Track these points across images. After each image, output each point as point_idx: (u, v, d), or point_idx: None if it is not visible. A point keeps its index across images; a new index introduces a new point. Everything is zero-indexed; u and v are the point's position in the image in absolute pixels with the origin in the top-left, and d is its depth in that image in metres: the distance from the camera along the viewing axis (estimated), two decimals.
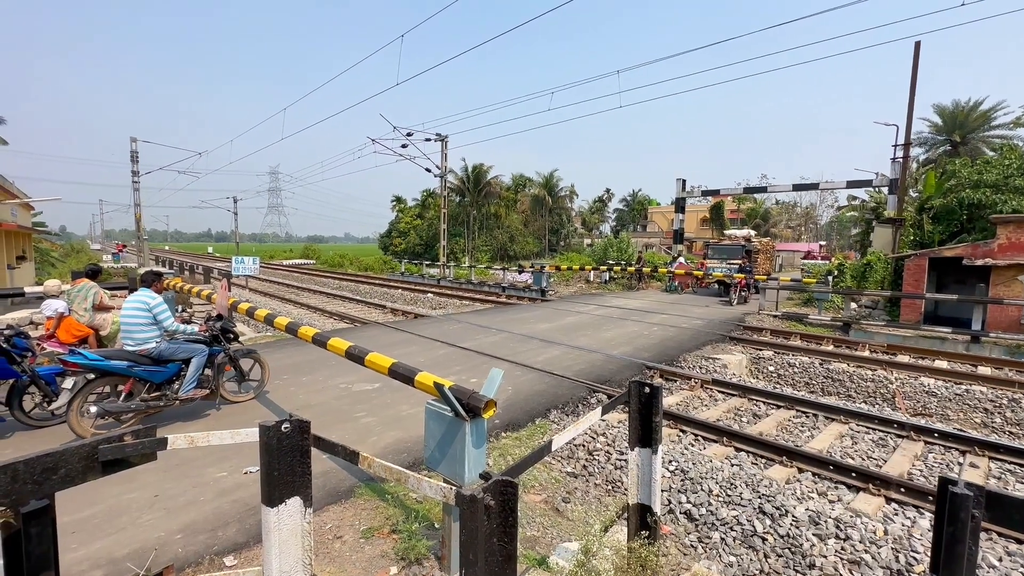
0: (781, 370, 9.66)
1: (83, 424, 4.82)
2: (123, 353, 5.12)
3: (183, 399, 5.38)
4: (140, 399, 5.14)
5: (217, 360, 5.76)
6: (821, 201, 59.27)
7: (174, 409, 5.52)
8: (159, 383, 5.26)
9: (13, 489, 1.64)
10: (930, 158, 34.55)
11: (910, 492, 4.57)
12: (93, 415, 4.85)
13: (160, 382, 5.26)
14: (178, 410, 5.63)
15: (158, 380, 5.23)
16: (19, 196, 21.00)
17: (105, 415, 4.93)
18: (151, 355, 5.20)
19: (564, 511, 4.35)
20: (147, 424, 4.56)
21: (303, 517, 2.24)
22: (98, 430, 4.87)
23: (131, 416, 5.10)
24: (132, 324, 5.19)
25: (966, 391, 7.86)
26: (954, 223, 15.97)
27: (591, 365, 8.52)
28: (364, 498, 4.06)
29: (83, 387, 4.86)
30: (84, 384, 4.87)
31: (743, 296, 17.90)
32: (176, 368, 5.38)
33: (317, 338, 5.15)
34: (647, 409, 3.11)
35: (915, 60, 16.05)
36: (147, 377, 5.15)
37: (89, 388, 4.91)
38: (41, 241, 32.82)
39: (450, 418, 2.74)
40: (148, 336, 5.22)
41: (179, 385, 5.38)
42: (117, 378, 5.09)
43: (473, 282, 26.44)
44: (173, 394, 5.32)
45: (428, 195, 48.94)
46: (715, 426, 6.05)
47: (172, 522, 3.60)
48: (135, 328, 5.19)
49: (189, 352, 5.44)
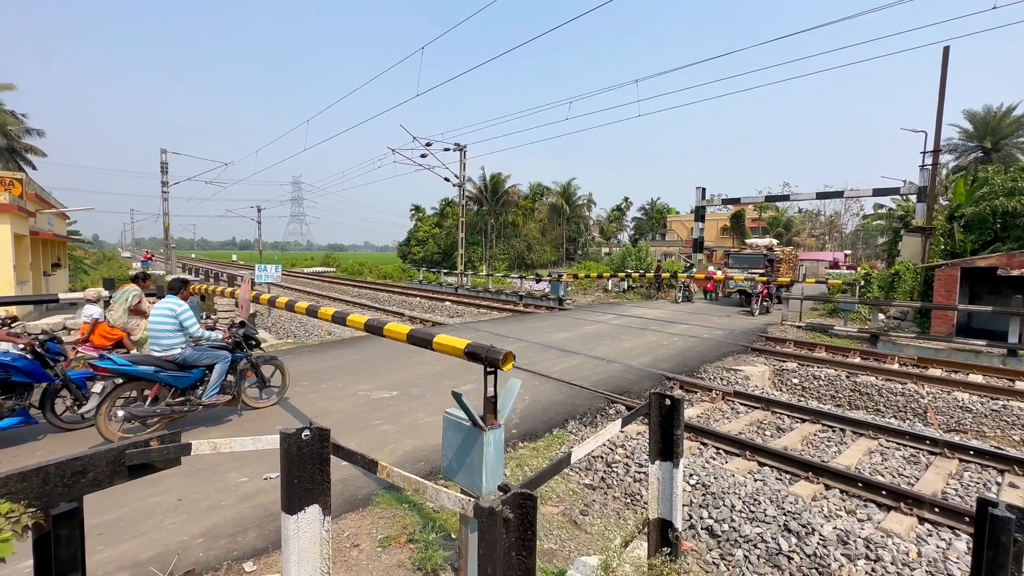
0: (806, 382, 9.41)
1: (111, 427, 4.94)
2: (150, 358, 5.26)
3: (206, 404, 5.47)
4: (165, 404, 5.25)
5: (239, 366, 5.86)
6: (846, 209, 57.95)
7: (197, 414, 5.62)
8: (183, 388, 5.37)
9: (44, 491, 1.68)
10: (960, 165, 33.58)
11: (945, 512, 4.38)
12: (120, 419, 4.97)
13: (185, 387, 5.37)
14: (201, 415, 5.73)
15: (183, 385, 5.34)
16: (56, 206, 21.87)
17: (132, 419, 5.05)
18: (176, 361, 5.32)
19: (582, 524, 4.29)
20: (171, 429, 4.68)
21: (322, 525, 2.24)
22: (125, 434, 5.02)
23: (156, 420, 5.22)
24: (159, 330, 5.35)
25: (1003, 407, 7.53)
26: (987, 232, 15.45)
27: (610, 375, 8.43)
28: (381, 506, 4.06)
29: (112, 391, 5.00)
30: (113, 388, 5.02)
31: (765, 306, 17.37)
32: (200, 374, 5.48)
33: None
34: (668, 422, 3.06)
35: (944, 65, 15.66)
36: (172, 382, 5.26)
37: (117, 392, 5.04)
38: (75, 249, 34.09)
39: (468, 427, 2.73)
40: (174, 342, 5.37)
41: (203, 391, 5.48)
42: (144, 383, 5.21)
43: (491, 290, 26.49)
44: (197, 399, 5.42)
45: (446, 204, 49.40)
46: (737, 439, 5.91)
47: (194, 526, 3.65)
48: (162, 334, 5.35)
49: (213, 358, 5.53)
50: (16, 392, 4.96)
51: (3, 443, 4.97)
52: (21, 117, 32.30)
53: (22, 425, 4.97)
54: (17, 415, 4.91)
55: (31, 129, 33.02)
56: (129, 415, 4.99)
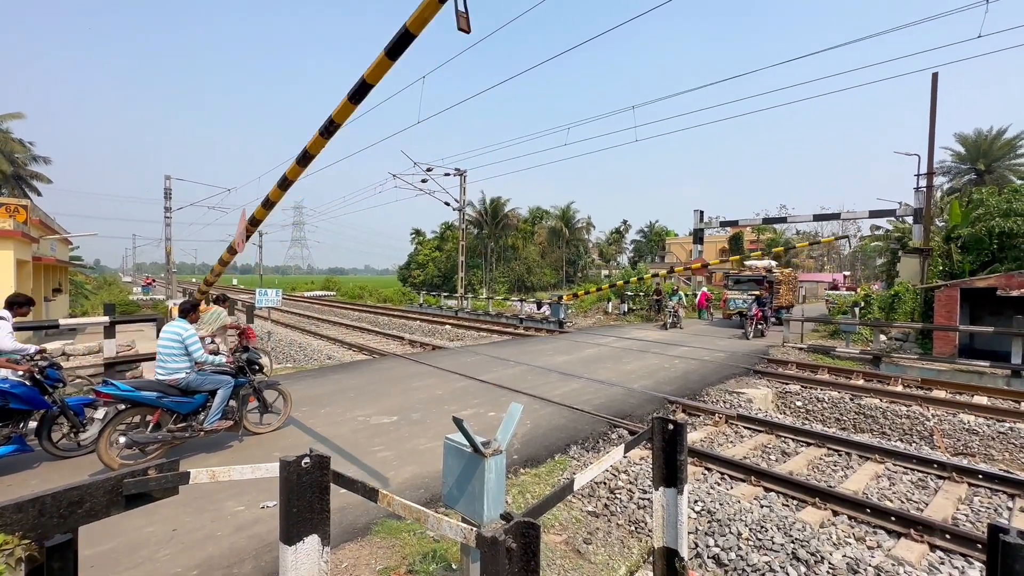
0: (809, 405, 9.32)
1: (111, 454, 4.87)
2: (153, 384, 5.21)
3: (208, 430, 5.41)
4: (167, 430, 5.19)
5: (242, 392, 5.81)
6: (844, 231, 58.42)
7: (198, 440, 5.54)
8: (185, 414, 5.31)
9: (39, 523, 1.66)
10: (954, 187, 33.99)
11: (956, 539, 4.29)
12: (121, 445, 4.90)
13: (187, 413, 5.31)
14: (201, 441, 5.66)
15: (185, 411, 5.28)
16: (59, 232, 22.03)
17: (133, 446, 4.98)
18: (179, 386, 5.27)
19: (586, 553, 4.19)
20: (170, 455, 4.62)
21: (320, 556, 2.20)
22: (125, 460, 4.97)
23: (157, 447, 5.16)
24: (165, 353, 5.30)
25: (1010, 429, 7.44)
26: (984, 252, 15.53)
27: (611, 399, 8.35)
28: (380, 536, 3.97)
29: (114, 417, 4.93)
30: (115, 414, 4.95)
31: (759, 329, 16.60)
32: (202, 399, 5.42)
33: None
34: (671, 447, 3.02)
35: (933, 91, 16.03)
36: (174, 408, 5.21)
37: (119, 419, 4.97)
38: (76, 274, 34.18)
39: (469, 454, 2.69)
40: (179, 366, 5.32)
41: (204, 416, 5.42)
42: (146, 409, 5.14)
43: (491, 313, 26.46)
44: (199, 425, 5.36)
45: (446, 228, 49.79)
46: (742, 464, 5.82)
47: (189, 558, 3.57)
48: (168, 358, 5.30)
49: (215, 384, 5.49)
50: (13, 419, 4.88)
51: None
52: (28, 145, 32.83)
53: (18, 453, 4.87)
54: (13, 443, 4.82)
55: (37, 156, 33.53)
56: (130, 441, 4.93)
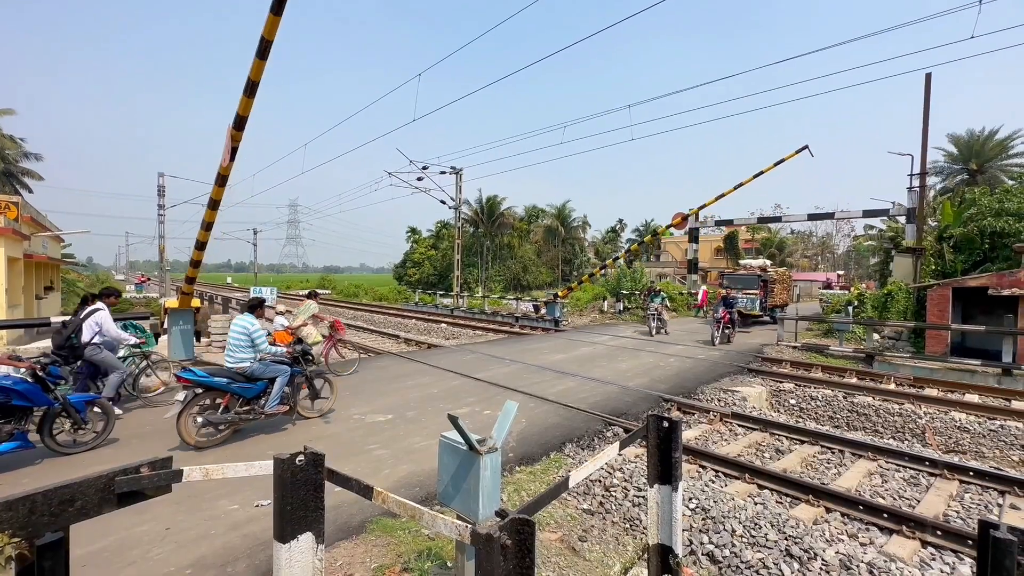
0: (803, 403, 9.37)
1: (190, 432, 5.41)
2: (223, 371, 5.80)
3: (268, 414, 6.00)
4: (235, 412, 5.73)
5: (296, 380, 6.38)
6: (837, 231, 58.83)
7: (259, 422, 6.11)
8: (249, 398, 5.86)
9: (30, 521, 1.64)
10: (947, 187, 34.27)
11: (948, 535, 4.32)
12: (200, 424, 5.46)
13: (250, 397, 5.85)
14: (261, 423, 6.25)
15: (249, 396, 5.82)
16: (51, 229, 21.84)
17: (208, 425, 5.52)
18: (245, 373, 5.83)
19: (581, 550, 4.20)
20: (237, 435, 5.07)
21: (315, 554, 2.19)
22: (200, 437, 5.49)
23: (226, 427, 5.71)
24: (233, 344, 5.92)
25: (1001, 427, 7.52)
26: (976, 252, 15.68)
27: (607, 397, 8.37)
28: (375, 534, 3.97)
29: (191, 400, 5.43)
30: (192, 397, 5.45)
31: (727, 335, 14.64)
32: (263, 386, 5.97)
33: None
34: (666, 444, 3.03)
35: (927, 91, 16.14)
36: (241, 393, 5.74)
37: (196, 401, 5.48)
38: (68, 272, 33.89)
39: (464, 452, 2.69)
40: (245, 356, 5.91)
41: (265, 401, 5.98)
42: (217, 393, 5.65)
43: (487, 312, 26.45)
44: (260, 409, 5.94)
45: (442, 226, 49.67)
46: (736, 462, 5.85)
47: (182, 557, 3.55)
48: (236, 348, 5.91)
49: (275, 372, 6.05)
50: (15, 416, 4.92)
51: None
52: (19, 141, 32.51)
53: (20, 450, 4.89)
54: (15, 439, 4.86)
55: (29, 153, 33.21)
56: (206, 421, 5.49)
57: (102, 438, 5.54)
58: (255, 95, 7.69)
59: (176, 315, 10.39)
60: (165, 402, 7.27)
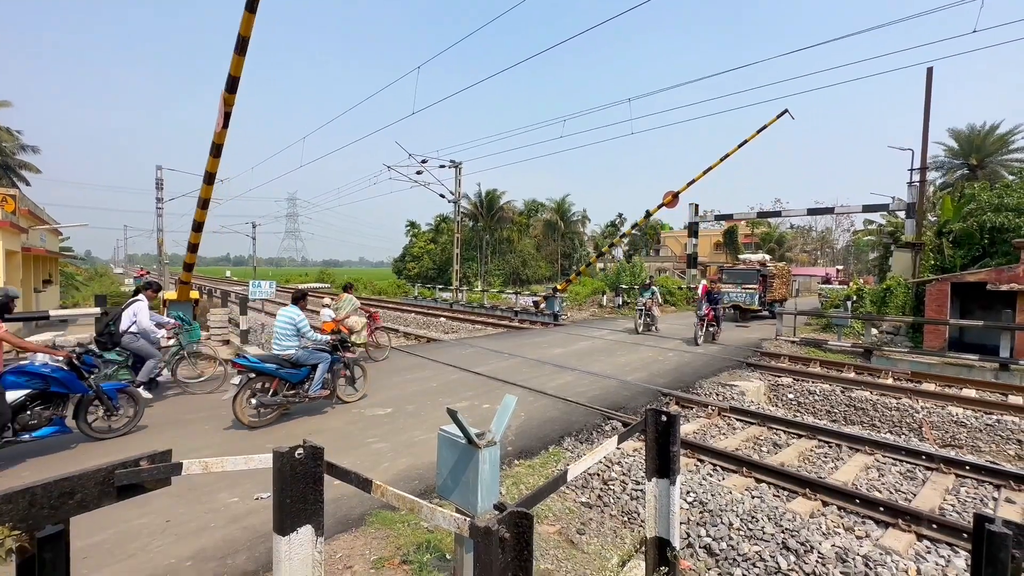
0: (801, 398, 9.41)
1: (244, 412, 5.98)
2: (272, 357, 6.31)
3: (312, 397, 6.53)
4: (282, 395, 6.27)
5: (335, 367, 6.84)
6: (837, 225, 58.78)
7: (303, 405, 6.68)
8: (295, 383, 6.37)
9: (30, 514, 1.65)
10: (947, 182, 34.21)
11: (943, 529, 4.36)
12: (253, 405, 6.06)
13: (295, 382, 6.37)
14: (305, 405, 6.82)
15: (294, 380, 6.34)
16: (49, 222, 21.77)
17: (260, 406, 6.11)
18: (291, 360, 6.33)
19: (579, 543, 4.23)
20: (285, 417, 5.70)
21: (314, 546, 2.20)
22: (251, 418, 6.04)
23: (275, 409, 6.26)
24: (280, 333, 6.47)
25: (997, 421, 7.56)
26: (975, 247, 15.68)
27: (605, 391, 8.40)
28: (375, 527, 3.99)
29: (245, 384, 6.01)
30: (246, 381, 6.02)
31: (711, 333, 13.83)
32: (307, 372, 6.49)
33: None
34: (664, 438, 3.04)
35: (928, 85, 16.08)
36: (287, 378, 6.26)
37: (249, 384, 6.04)
38: (67, 265, 33.81)
39: (463, 445, 2.70)
40: (291, 344, 6.45)
41: (309, 386, 6.50)
42: (267, 377, 6.18)
43: (486, 306, 26.46)
44: (304, 392, 6.47)
45: (442, 220, 49.56)
46: (734, 456, 5.88)
47: (182, 549, 3.57)
48: (283, 336, 6.46)
49: (318, 359, 6.56)
50: (53, 402, 5.17)
51: (39, 451, 5.17)
52: (16, 134, 32.31)
53: (58, 434, 5.13)
54: (54, 424, 5.09)
55: (26, 146, 33.01)
56: (259, 403, 6.08)
57: (133, 424, 5.83)
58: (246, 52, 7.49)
59: (175, 308, 10.37)
60: (202, 390, 7.69)
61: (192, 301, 10.65)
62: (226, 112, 7.97)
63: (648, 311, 15.35)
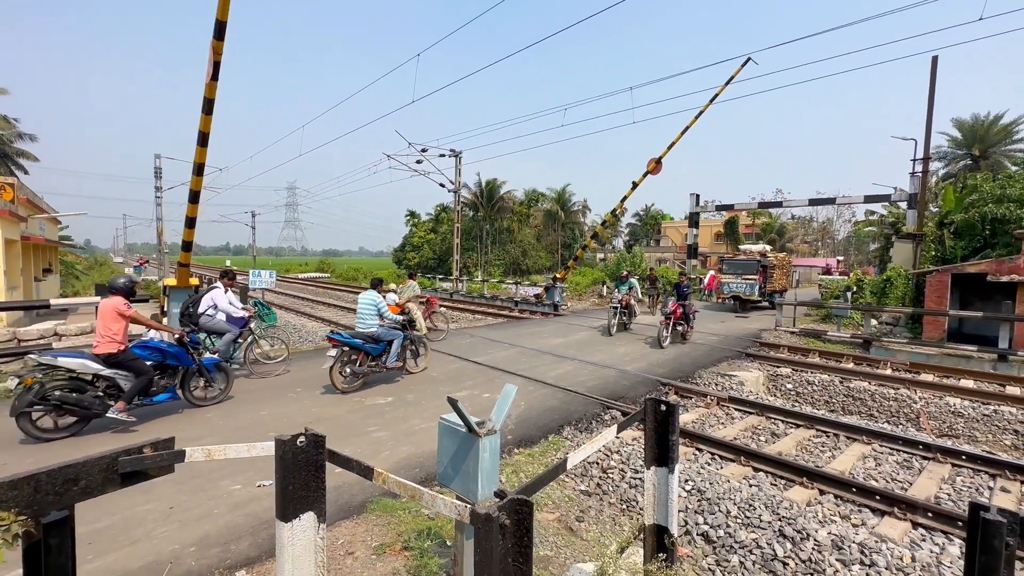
0: (799, 388, 9.45)
1: (338, 380, 7.15)
2: (359, 334, 7.47)
3: (389, 367, 7.74)
4: (367, 366, 7.46)
5: (405, 342, 7.98)
6: (838, 216, 58.58)
7: (380, 375, 7.88)
8: (375, 356, 7.54)
9: (35, 500, 1.66)
10: (950, 172, 34.04)
11: (938, 517, 4.40)
12: (346, 374, 7.26)
13: (376, 355, 7.55)
14: (382, 375, 7.98)
15: (375, 354, 7.53)
16: (48, 211, 21.68)
17: (352, 375, 7.31)
18: (373, 336, 7.51)
19: (578, 530, 4.28)
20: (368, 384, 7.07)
21: (317, 532, 2.23)
22: (343, 385, 7.20)
23: (361, 377, 7.42)
24: (364, 313, 7.65)
25: (994, 411, 7.60)
26: (976, 238, 15.65)
27: (604, 381, 8.44)
28: (376, 514, 4.03)
29: (339, 356, 7.14)
30: (340, 354, 7.16)
31: (679, 332, 12.13)
32: (383, 347, 7.63)
33: None
34: (663, 427, 3.06)
35: (932, 75, 15.90)
36: (370, 351, 7.45)
37: (342, 356, 7.19)
38: (66, 254, 33.76)
39: (463, 434, 2.72)
40: (372, 323, 7.61)
41: (386, 358, 7.66)
42: (355, 351, 7.34)
43: (486, 296, 26.48)
44: (382, 364, 7.64)
45: (442, 210, 49.41)
46: (732, 445, 5.92)
47: (186, 535, 3.61)
48: (365, 316, 7.63)
49: (393, 336, 7.73)
50: (167, 373, 6.09)
51: (157, 413, 6.18)
52: (13, 122, 32.07)
53: (171, 400, 6.12)
54: (168, 392, 6.04)
55: (23, 134, 32.78)
56: (352, 372, 7.29)
57: (224, 394, 6.73)
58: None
59: (176, 295, 10.34)
60: (270, 373, 8.37)
61: (193, 288, 10.62)
62: (215, 62, 7.92)
63: (625, 307, 13.60)
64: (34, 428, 5.09)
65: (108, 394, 5.43)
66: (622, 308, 13.47)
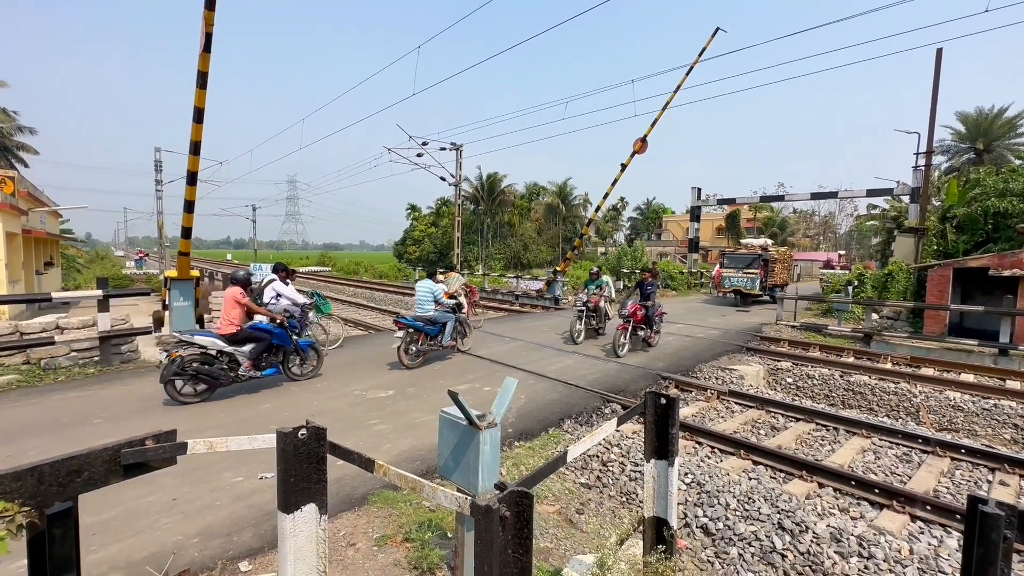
0: (800, 382, 9.47)
1: (404, 358, 8.24)
2: (419, 317, 8.51)
3: (444, 346, 8.84)
4: (427, 345, 8.55)
5: (456, 324, 9.02)
6: (840, 210, 58.41)
7: (437, 352, 9.04)
8: (432, 336, 8.61)
9: (39, 491, 1.68)
10: (953, 166, 33.85)
11: (937, 510, 4.42)
12: (412, 353, 8.35)
13: (433, 336, 8.61)
14: (439, 353, 9.21)
15: (432, 334, 8.60)
16: (48, 204, 21.67)
17: (416, 354, 8.41)
18: (431, 319, 8.53)
19: (578, 523, 4.30)
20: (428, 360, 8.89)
21: (318, 524, 2.25)
22: (410, 361, 8.30)
23: (422, 356, 8.52)
24: (422, 300, 8.69)
25: (994, 406, 7.61)
26: (979, 233, 15.58)
27: (605, 374, 8.45)
28: (377, 506, 4.06)
29: (405, 337, 8.24)
30: (406, 335, 8.25)
31: (641, 337, 10.41)
32: (439, 329, 8.68)
33: None
34: (663, 420, 3.07)
35: (937, 67, 15.79)
36: (429, 332, 8.51)
37: (407, 337, 8.27)
38: (67, 248, 33.77)
39: (464, 427, 2.73)
40: (429, 307, 8.63)
41: (441, 338, 8.73)
42: (416, 332, 8.39)
43: (487, 290, 26.47)
44: (439, 343, 8.72)
45: (442, 203, 49.30)
46: (732, 438, 5.95)
47: (189, 526, 3.64)
48: (423, 302, 8.66)
49: (447, 318, 8.76)
50: (272, 352, 7.06)
51: (266, 385, 7.23)
52: (13, 114, 31.98)
53: (275, 375, 7.19)
54: (274, 367, 7.12)
55: (23, 127, 32.70)
56: (416, 351, 8.41)
57: (316, 372, 7.71)
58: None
59: (177, 287, 10.31)
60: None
61: (193, 279, 10.58)
62: (207, 33, 7.83)
63: (594, 310, 11.48)
64: (177, 393, 6.23)
65: (230, 367, 6.55)
66: (589, 311, 11.41)
